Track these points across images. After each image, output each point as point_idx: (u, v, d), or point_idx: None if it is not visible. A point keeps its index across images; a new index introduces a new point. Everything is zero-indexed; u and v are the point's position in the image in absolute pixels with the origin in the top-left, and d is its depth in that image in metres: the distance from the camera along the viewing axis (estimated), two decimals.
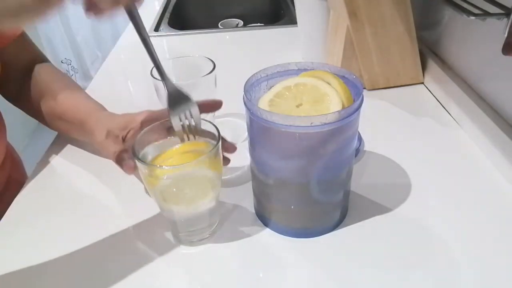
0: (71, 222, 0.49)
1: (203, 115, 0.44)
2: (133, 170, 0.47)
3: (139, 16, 0.36)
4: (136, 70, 0.88)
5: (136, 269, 0.43)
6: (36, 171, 0.58)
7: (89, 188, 0.55)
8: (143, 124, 0.48)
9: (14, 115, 0.68)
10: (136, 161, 0.39)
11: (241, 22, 1.36)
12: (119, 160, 0.48)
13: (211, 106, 0.50)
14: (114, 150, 0.48)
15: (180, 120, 0.43)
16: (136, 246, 0.45)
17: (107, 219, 0.49)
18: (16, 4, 0.29)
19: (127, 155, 0.47)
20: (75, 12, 1.99)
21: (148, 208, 0.49)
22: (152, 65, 0.52)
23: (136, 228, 0.48)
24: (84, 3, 0.32)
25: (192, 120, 0.43)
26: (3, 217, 0.50)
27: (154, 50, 0.40)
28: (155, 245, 0.46)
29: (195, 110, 0.43)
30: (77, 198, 0.53)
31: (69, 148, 0.62)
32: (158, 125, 0.44)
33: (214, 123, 0.43)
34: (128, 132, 0.49)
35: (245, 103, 0.40)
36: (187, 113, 0.43)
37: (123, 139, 0.49)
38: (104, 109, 0.57)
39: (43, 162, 0.60)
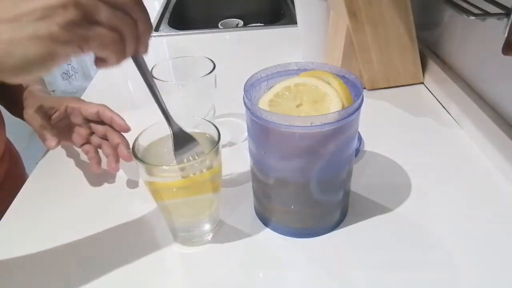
0: (70, 222, 0.49)
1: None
2: (53, 148, 0.53)
3: (145, 63, 0.37)
4: (136, 70, 0.88)
5: (136, 269, 0.43)
6: (36, 172, 0.58)
7: (88, 188, 0.55)
8: (68, 108, 0.55)
9: (14, 118, 0.68)
10: (136, 161, 0.39)
11: (241, 22, 1.36)
12: (41, 135, 0.54)
13: (118, 126, 0.54)
14: (40, 124, 0.54)
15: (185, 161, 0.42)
16: (136, 246, 0.45)
17: (106, 218, 0.49)
18: (21, 61, 0.29)
19: (50, 133, 0.53)
20: None
21: (148, 208, 0.49)
22: (153, 64, 0.52)
23: (136, 228, 0.48)
24: (94, 58, 0.33)
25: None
26: (3, 217, 0.51)
27: (160, 96, 0.40)
28: (155, 245, 0.46)
29: (200, 151, 0.42)
30: (76, 198, 0.53)
31: (68, 149, 0.62)
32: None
33: (214, 123, 0.43)
34: (55, 112, 0.55)
35: (245, 103, 0.40)
36: (193, 155, 0.42)
37: (50, 117, 0.55)
38: (44, 91, 0.62)
39: (43, 162, 0.60)
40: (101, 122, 0.55)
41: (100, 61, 0.33)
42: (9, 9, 0.29)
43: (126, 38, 0.32)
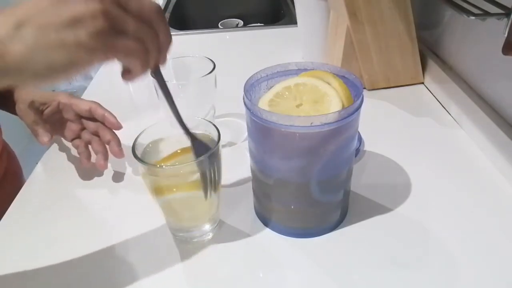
0: (71, 222, 0.49)
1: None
2: (46, 143, 0.54)
3: (162, 74, 0.38)
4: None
5: (136, 269, 0.43)
6: (35, 173, 0.58)
7: (88, 188, 0.55)
8: (60, 104, 0.56)
9: (13, 117, 0.69)
10: (136, 160, 0.39)
11: (241, 22, 1.36)
12: (34, 131, 0.54)
13: (110, 124, 0.55)
14: (33, 119, 0.54)
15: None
16: (136, 246, 0.45)
17: (105, 218, 0.49)
18: (43, 67, 0.29)
19: (43, 129, 0.54)
20: None
21: (148, 208, 0.49)
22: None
23: (136, 228, 0.48)
24: (121, 70, 0.34)
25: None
26: (2, 219, 0.51)
27: (176, 107, 0.40)
28: (155, 245, 0.46)
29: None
30: (76, 198, 0.53)
31: (68, 149, 0.62)
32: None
33: (214, 123, 0.43)
34: (47, 107, 0.56)
35: (245, 103, 0.40)
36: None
37: (42, 112, 0.56)
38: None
39: (42, 164, 0.60)
40: (93, 119, 0.56)
41: (126, 73, 0.34)
42: (37, 14, 0.28)
43: (149, 49, 0.32)
